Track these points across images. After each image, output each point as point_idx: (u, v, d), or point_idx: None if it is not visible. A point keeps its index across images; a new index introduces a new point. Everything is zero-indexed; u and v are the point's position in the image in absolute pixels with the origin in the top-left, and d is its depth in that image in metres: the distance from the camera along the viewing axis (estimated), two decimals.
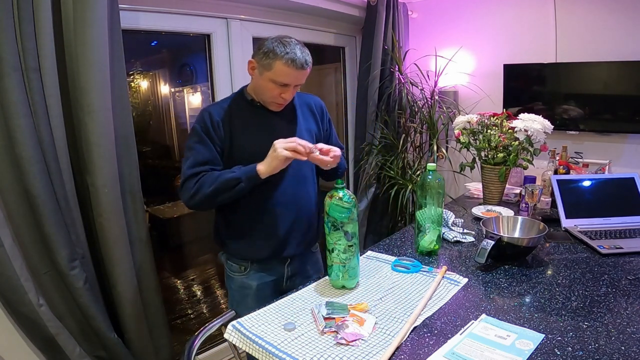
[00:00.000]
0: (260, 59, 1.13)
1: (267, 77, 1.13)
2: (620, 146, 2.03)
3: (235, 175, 1.13)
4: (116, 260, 1.41)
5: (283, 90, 1.16)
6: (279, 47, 1.10)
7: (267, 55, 1.11)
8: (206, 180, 1.14)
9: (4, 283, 1.18)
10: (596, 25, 1.99)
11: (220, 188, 1.12)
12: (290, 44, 1.11)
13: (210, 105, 1.25)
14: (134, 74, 2.25)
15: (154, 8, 1.65)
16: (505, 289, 1.07)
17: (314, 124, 1.35)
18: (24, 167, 1.18)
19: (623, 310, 0.93)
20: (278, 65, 1.10)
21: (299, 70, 1.12)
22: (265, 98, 1.21)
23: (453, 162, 2.26)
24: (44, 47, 1.19)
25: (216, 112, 1.20)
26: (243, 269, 1.30)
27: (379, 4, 2.32)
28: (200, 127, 1.18)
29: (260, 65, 1.14)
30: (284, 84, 1.14)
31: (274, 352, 0.83)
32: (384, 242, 1.44)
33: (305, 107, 1.35)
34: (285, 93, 1.17)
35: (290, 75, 1.12)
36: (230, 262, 1.32)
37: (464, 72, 2.46)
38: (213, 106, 1.24)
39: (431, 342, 0.85)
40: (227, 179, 1.12)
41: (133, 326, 1.50)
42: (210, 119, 1.19)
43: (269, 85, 1.15)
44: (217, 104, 1.26)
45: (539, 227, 1.26)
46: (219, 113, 1.21)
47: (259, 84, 1.18)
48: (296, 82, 1.16)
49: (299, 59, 1.10)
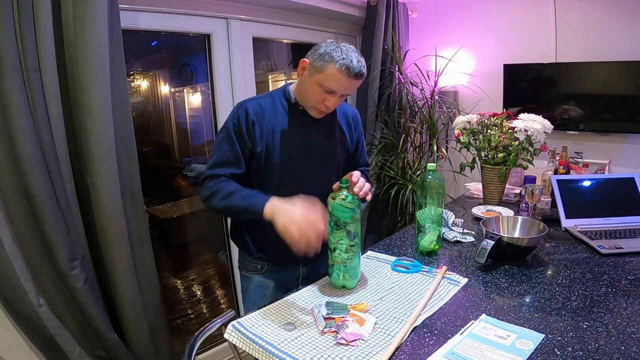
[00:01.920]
0: (314, 60, 1.08)
1: (316, 79, 1.08)
2: (620, 146, 2.03)
3: (243, 206, 1.07)
4: (116, 260, 1.41)
5: (328, 97, 1.10)
6: (336, 51, 1.05)
7: (322, 57, 1.06)
8: (220, 191, 1.09)
9: (4, 283, 1.18)
10: (596, 25, 1.99)
11: (228, 208, 1.10)
12: (349, 51, 1.06)
13: (248, 100, 1.18)
14: (134, 74, 2.25)
15: (154, 8, 1.65)
16: (505, 289, 1.07)
17: (348, 137, 1.31)
18: (24, 167, 1.18)
19: (623, 310, 0.93)
20: (331, 69, 1.05)
21: (351, 79, 1.06)
22: (307, 102, 1.15)
23: (453, 162, 2.26)
24: (44, 47, 1.19)
25: (252, 109, 1.14)
26: (260, 267, 1.27)
27: (379, 4, 2.32)
28: (233, 123, 1.14)
29: (312, 67, 1.08)
30: (332, 90, 1.08)
31: (274, 352, 0.83)
32: (384, 242, 1.44)
33: (343, 117, 1.29)
34: (329, 101, 1.11)
35: (341, 82, 1.07)
36: (247, 261, 1.29)
37: (464, 72, 2.46)
38: (250, 102, 1.17)
39: (431, 342, 0.85)
40: (236, 205, 1.08)
41: (133, 326, 1.50)
42: (245, 116, 1.13)
43: (314, 89, 1.10)
44: (256, 99, 1.19)
45: (539, 227, 1.26)
46: (256, 110, 1.15)
47: (305, 86, 1.13)
48: (344, 92, 1.10)
49: (355, 67, 1.05)
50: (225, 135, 1.14)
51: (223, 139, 1.15)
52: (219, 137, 1.17)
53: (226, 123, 1.16)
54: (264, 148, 1.15)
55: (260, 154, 1.15)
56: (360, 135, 1.37)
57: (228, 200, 1.08)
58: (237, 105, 1.18)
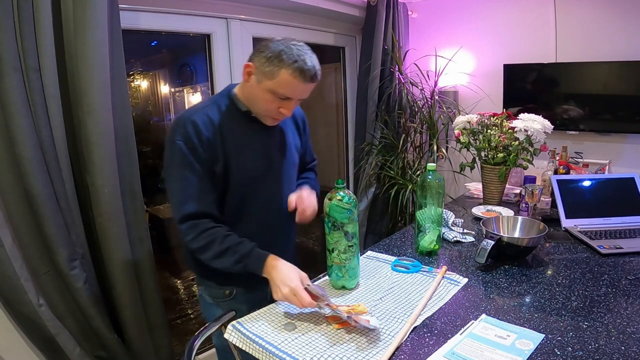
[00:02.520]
0: (261, 65, 0.94)
1: (267, 86, 0.95)
2: (620, 146, 2.03)
3: (241, 267, 0.99)
4: (116, 260, 1.41)
5: (283, 104, 0.99)
6: (286, 53, 0.92)
7: (271, 62, 0.93)
8: (215, 241, 0.98)
9: (4, 283, 1.18)
10: (596, 25, 1.99)
11: (224, 263, 0.99)
12: (300, 50, 0.94)
13: (194, 113, 0.99)
14: (134, 74, 2.25)
15: (154, 8, 1.65)
16: (505, 289, 1.07)
17: (298, 137, 1.22)
18: (24, 167, 1.18)
19: (623, 310, 0.93)
20: (283, 75, 0.93)
21: (307, 83, 0.95)
22: (260, 111, 1.03)
23: (453, 162, 2.26)
24: (44, 47, 1.19)
25: (202, 124, 0.98)
26: (228, 293, 1.15)
27: (379, 4, 2.32)
28: (185, 143, 0.96)
29: (260, 72, 0.95)
30: (287, 97, 0.97)
31: (274, 352, 0.83)
32: (384, 242, 1.44)
33: (291, 120, 1.19)
34: (285, 108, 0.99)
35: (297, 88, 0.95)
36: (212, 289, 1.16)
37: (464, 72, 2.46)
38: (197, 114, 0.99)
39: (431, 342, 0.85)
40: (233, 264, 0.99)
41: (133, 326, 1.50)
42: (197, 134, 0.97)
43: (266, 97, 0.97)
44: (201, 111, 1.01)
45: (539, 227, 1.26)
46: (207, 126, 0.98)
47: (254, 93, 0.99)
48: (301, 96, 0.99)
49: (309, 70, 0.93)
50: (181, 160, 0.97)
51: (180, 164, 0.97)
52: (173, 165, 0.98)
53: (175, 145, 0.96)
54: (227, 169, 1.02)
55: (220, 174, 1.01)
56: (308, 138, 1.28)
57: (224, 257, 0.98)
58: (179, 120, 0.99)
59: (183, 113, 1.02)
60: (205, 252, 0.99)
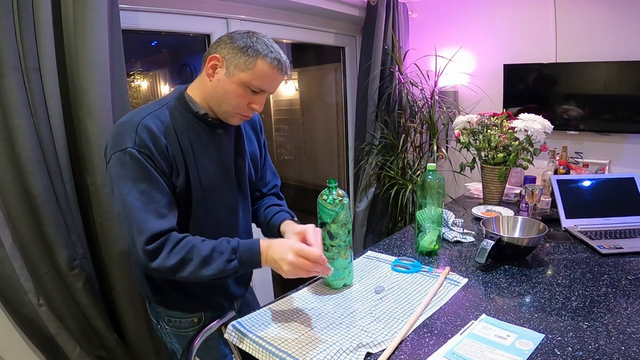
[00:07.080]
0: (233, 56, 0.88)
1: (241, 79, 0.89)
2: (620, 146, 2.03)
3: (235, 264, 0.88)
4: (116, 260, 1.41)
5: (255, 98, 0.93)
6: (259, 43, 0.88)
7: (245, 52, 0.87)
8: (194, 249, 0.86)
9: (4, 283, 1.18)
10: (596, 25, 1.99)
11: (212, 270, 0.86)
12: (270, 41, 0.91)
13: (142, 117, 0.88)
14: (134, 74, 2.25)
15: (154, 8, 1.65)
16: (505, 289, 1.07)
17: (256, 145, 1.13)
18: (24, 167, 1.18)
19: (623, 310, 0.93)
20: (261, 64, 0.88)
21: (282, 74, 0.92)
22: (227, 108, 0.93)
23: (453, 162, 2.26)
24: (44, 47, 1.19)
25: (157, 128, 0.88)
26: (197, 320, 1.06)
27: (379, 4, 2.32)
28: (138, 150, 0.84)
29: (232, 64, 0.89)
30: (261, 89, 0.91)
31: (274, 352, 0.83)
32: (384, 242, 1.44)
33: (249, 123, 1.11)
34: (256, 102, 0.93)
35: (273, 79, 0.92)
36: (177, 319, 1.06)
37: (464, 72, 2.46)
38: (147, 118, 0.88)
39: (431, 342, 0.85)
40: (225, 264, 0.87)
41: (133, 326, 1.50)
42: (152, 137, 0.86)
43: (238, 91, 0.90)
44: (154, 115, 0.90)
45: (539, 227, 1.26)
46: (160, 129, 0.89)
47: (223, 89, 0.91)
48: (273, 89, 0.95)
49: (284, 61, 0.90)
50: (135, 171, 0.85)
51: (134, 176, 0.85)
52: (123, 178, 0.85)
53: (127, 152, 0.84)
54: (182, 178, 0.92)
55: (179, 185, 0.92)
56: (265, 144, 1.19)
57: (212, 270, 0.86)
58: (125, 125, 0.87)
59: (128, 117, 0.90)
60: (184, 267, 0.85)
